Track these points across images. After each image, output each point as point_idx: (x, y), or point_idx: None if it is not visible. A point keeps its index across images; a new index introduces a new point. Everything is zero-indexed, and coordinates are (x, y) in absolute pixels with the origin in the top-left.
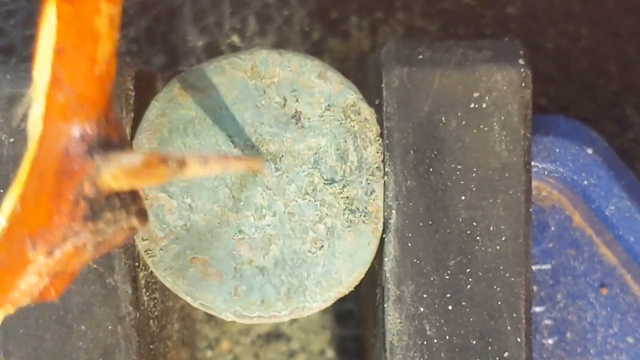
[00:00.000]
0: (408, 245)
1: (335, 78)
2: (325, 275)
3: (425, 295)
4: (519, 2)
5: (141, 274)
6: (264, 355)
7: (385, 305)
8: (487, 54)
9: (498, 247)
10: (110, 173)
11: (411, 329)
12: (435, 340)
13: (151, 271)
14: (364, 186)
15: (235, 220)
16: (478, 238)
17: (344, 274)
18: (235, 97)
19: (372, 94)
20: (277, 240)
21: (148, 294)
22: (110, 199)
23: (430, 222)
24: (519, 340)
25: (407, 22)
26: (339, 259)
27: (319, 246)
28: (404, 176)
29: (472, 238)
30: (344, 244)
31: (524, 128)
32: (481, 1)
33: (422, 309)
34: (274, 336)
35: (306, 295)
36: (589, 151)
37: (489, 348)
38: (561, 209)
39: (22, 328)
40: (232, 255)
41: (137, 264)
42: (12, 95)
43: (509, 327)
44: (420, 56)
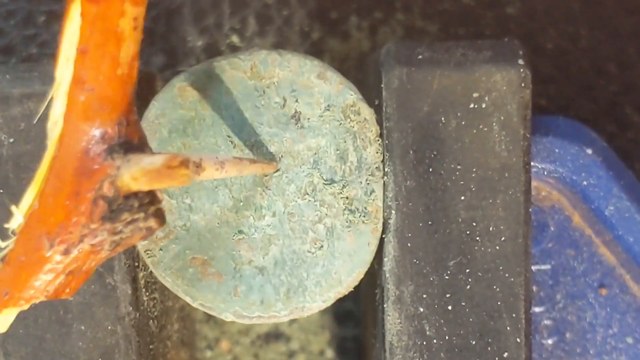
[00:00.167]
0: (408, 245)
1: (334, 78)
2: (325, 275)
3: (424, 296)
4: (519, 3)
5: (141, 274)
6: (264, 356)
7: (385, 306)
8: (487, 54)
9: (497, 247)
10: (130, 174)
11: (411, 329)
12: (435, 341)
13: (151, 271)
14: (364, 186)
15: (235, 221)
16: (478, 238)
17: (343, 274)
18: (235, 97)
19: (371, 94)
20: (276, 240)
21: (148, 294)
22: (129, 199)
23: (429, 222)
24: (518, 340)
25: (407, 22)
26: (338, 259)
27: (318, 246)
28: (404, 176)
29: (471, 238)
30: (343, 244)
31: (524, 128)
32: (481, 1)
33: (421, 309)
34: (274, 336)
35: (306, 296)
36: (589, 151)
37: (489, 348)
38: (560, 209)
39: (22, 328)
40: (232, 256)
41: (136, 264)
42: (12, 95)
43: (508, 327)
44: (420, 56)
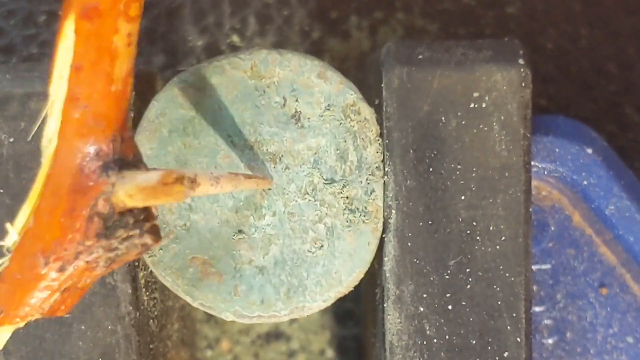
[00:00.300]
0: (408, 245)
1: (335, 78)
2: (325, 275)
3: (425, 295)
4: (519, 2)
5: (141, 273)
6: (264, 355)
7: (385, 305)
8: (487, 53)
9: (498, 247)
10: (125, 190)
11: (411, 328)
12: (435, 340)
13: (151, 271)
14: (364, 186)
15: (235, 220)
16: (478, 238)
17: (343, 273)
18: (235, 96)
19: (372, 94)
20: (276, 240)
21: (148, 293)
22: (124, 216)
23: (430, 222)
24: (518, 340)
25: (407, 22)
26: (338, 259)
27: (318, 246)
28: (404, 176)
29: (471, 238)
30: (343, 244)
31: (524, 128)
32: (481, 1)
33: (421, 309)
34: (274, 336)
35: (306, 295)
36: (589, 151)
37: (489, 348)
38: (561, 208)
39: (23, 327)
40: (232, 255)
41: (136, 263)
42: (12, 95)
43: (508, 327)
44: (420, 56)
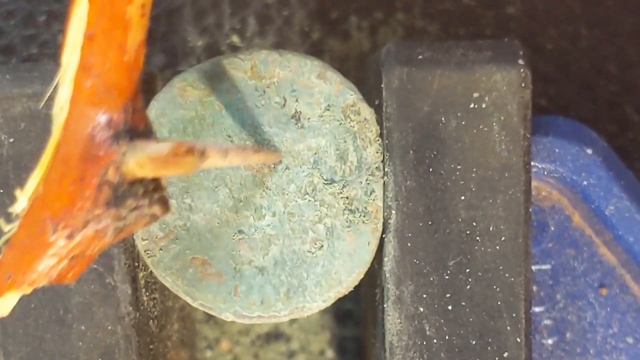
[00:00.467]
0: (408, 245)
1: (335, 78)
2: (325, 275)
3: (424, 295)
4: (519, 3)
5: (141, 274)
6: (264, 356)
7: (385, 305)
8: (487, 54)
9: (498, 247)
10: (136, 160)
11: (411, 329)
12: (435, 340)
13: (151, 271)
14: (364, 186)
15: (235, 221)
16: (478, 238)
17: (343, 274)
18: (235, 97)
19: (371, 94)
20: (276, 240)
21: (148, 294)
22: (133, 185)
23: (429, 222)
24: (518, 340)
25: (407, 22)
26: (338, 259)
27: (318, 246)
28: (404, 176)
29: (471, 238)
30: (343, 244)
31: (524, 128)
32: (481, 1)
33: (421, 309)
34: (274, 336)
35: (306, 296)
36: (589, 151)
37: (489, 348)
38: (561, 209)
39: (22, 328)
40: (232, 256)
41: (136, 264)
42: (12, 95)
43: (508, 327)
44: (420, 56)
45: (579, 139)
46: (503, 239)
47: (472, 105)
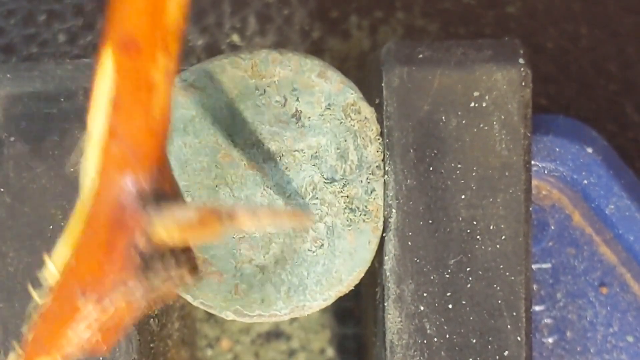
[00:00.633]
0: (408, 244)
1: (335, 77)
2: (326, 274)
3: (425, 294)
4: (519, 2)
5: None
6: (264, 354)
7: (386, 304)
8: (487, 53)
9: (498, 246)
10: (164, 226)
11: (411, 327)
12: (436, 339)
13: None
14: (364, 185)
15: None
16: (478, 237)
17: (344, 272)
18: (236, 96)
19: (372, 93)
20: (277, 239)
21: None
22: (162, 252)
23: (430, 221)
24: (519, 339)
25: (407, 21)
26: (339, 258)
27: (319, 245)
28: (404, 175)
29: (472, 237)
30: (344, 243)
31: (524, 127)
32: (481, 1)
33: (422, 308)
34: (274, 335)
35: (306, 294)
36: (589, 150)
37: (489, 347)
38: (561, 208)
39: (23, 327)
40: (232, 254)
41: None
42: (12, 95)
43: (509, 326)
44: (420, 56)
45: (579, 137)
46: (503, 237)
47: (472, 104)
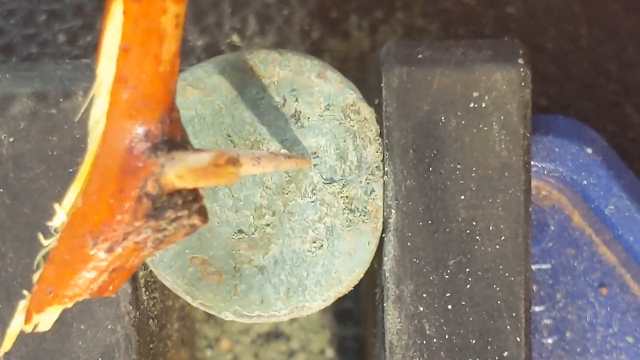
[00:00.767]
0: (407, 244)
1: (334, 77)
2: (325, 274)
3: (424, 295)
4: (519, 2)
5: (141, 273)
6: (264, 355)
7: (385, 305)
8: (487, 53)
9: (497, 247)
10: (175, 172)
11: (411, 328)
12: (435, 340)
13: (150, 270)
14: (364, 185)
15: (235, 220)
16: (477, 237)
17: (343, 273)
18: (235, 96)
19: (371, 94)
20: (276, 239)
21: (147, 293)
22: (173, 197)
23: (429, 222)
24: (518, 339)
25: (407, 21)
26: (338, 259)
27: (318, 245)
28: (404, 175)
29: (471, 237)
30: (343, 244)
31: (524, 127)
32: (481, 1)
33: (421, 309)
34: (274, 335)
35: (306, 295)
36: (589, 151)
37: (489, 347)
38: (561, 208)
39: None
40: (232, 255)
41: None
42: (12, 95)
43: (508, 327)
44: (420, 56)
45: (579, 138)
46: (503, 238)
47: (472, 105)
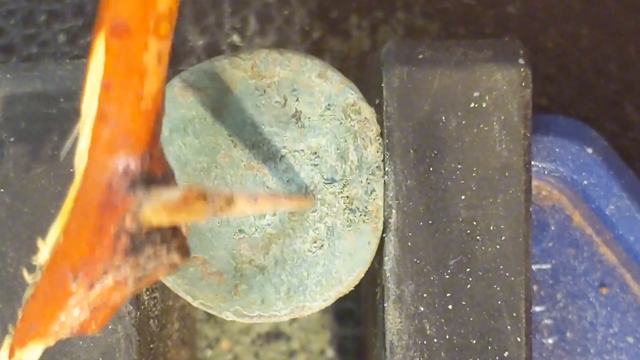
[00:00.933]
0: (408, 244)
1: (335, 77)
2: (325, 274)
3: (425, 295)
4: (519, 2)
5: None
6: (264, 355)
7: (385, 305)
8: (487, 53)
9: (498, 247)
10: (151, 208)
11: (411, 328)
12: (435, 340)
13: None
14: (364, 185)
15: (235, 220)
16: (478, 237)
17: (344, 273)
18: (236, 96)
19: (372, 94)
20: (277, 239)
21: (148, 293)
22: (152, 233)
23: (430, 222)
24: (519, 339)
25: (408, 21)
26: (339, 259)
27: (319, 245)
28: (404, 175)
29: (472, 237)
30: (344, 244)
31: (524, 127)
32: (481, 1)
33: (422, 309)
34: (274, 336)
35: (306, 295)
36: (589, 151)
37: (489, 347)
38: (561, 208)
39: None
40: (232, 255)
41: None
42: (12, 95)
43: (509, 327)
44: (421, 56)
45: (579, 138)
46: (503, 238)
47: (472, 105)
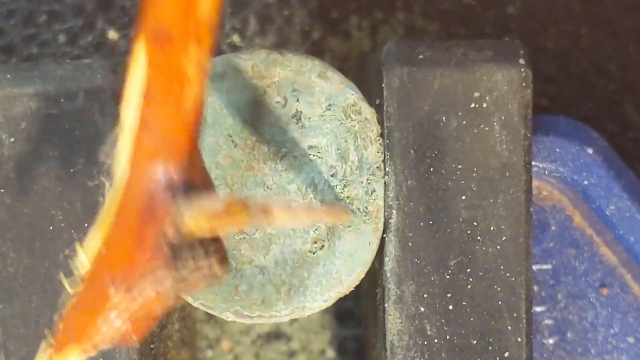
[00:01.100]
0: (408, 245)
1: (335, 78)
2: (326, 274)
3: (425, 295)
4: (519, 2)
5: None
6: (264, 355)
7: (386, 305)
8: (488, 53)
9: (498, 247)
10: (192, 217)
11: (412, 328)
12: (436, 340)
13: None
14: (365, 186)
15: None
16: (478, 238)
17: (344, 273)
18: (236, 96)
19: (372, 94)
20: (277, 239)
21: None
22: (192, 243)
23: (430, 222)
24: (519, 340)
25: (408, 22)
26: (339, 259)
27: (319, 246)
28: (405, 176)
29: (472, 238)
30: (344, 244)
31: (525, 128)
32: (481, 1)
33: (422, 309)
34: (274, 336)
35: (306, 295)
36: (589, 151)
37: (490, 348)
38: (561, 208)
39: (23, 327)
40: (233, 255)
41: None
42: (12, 95)
43: (509, 327)
44: (421, 56)
45: (579, 138)
46: (504, 238)
47: (472, 105)
